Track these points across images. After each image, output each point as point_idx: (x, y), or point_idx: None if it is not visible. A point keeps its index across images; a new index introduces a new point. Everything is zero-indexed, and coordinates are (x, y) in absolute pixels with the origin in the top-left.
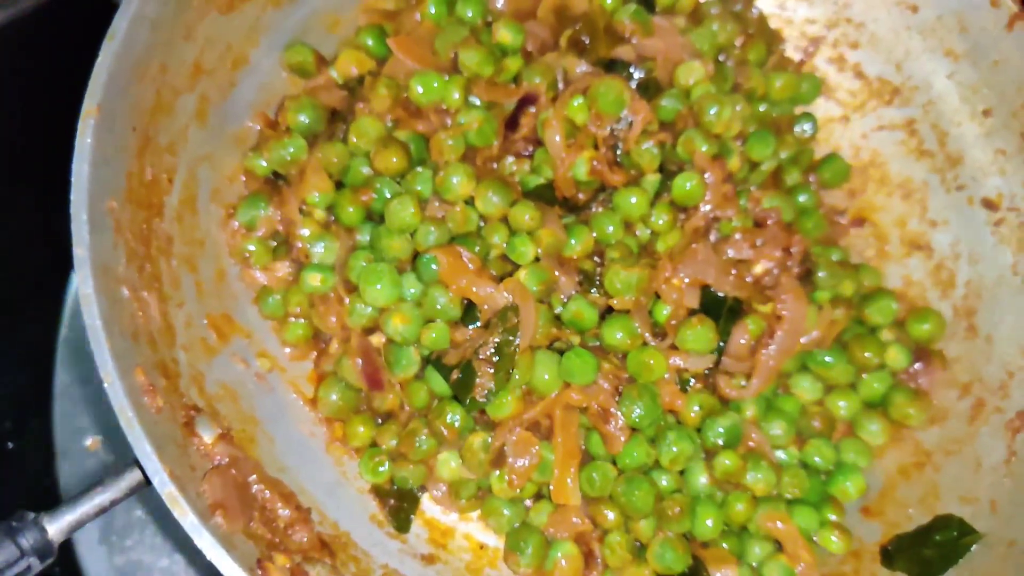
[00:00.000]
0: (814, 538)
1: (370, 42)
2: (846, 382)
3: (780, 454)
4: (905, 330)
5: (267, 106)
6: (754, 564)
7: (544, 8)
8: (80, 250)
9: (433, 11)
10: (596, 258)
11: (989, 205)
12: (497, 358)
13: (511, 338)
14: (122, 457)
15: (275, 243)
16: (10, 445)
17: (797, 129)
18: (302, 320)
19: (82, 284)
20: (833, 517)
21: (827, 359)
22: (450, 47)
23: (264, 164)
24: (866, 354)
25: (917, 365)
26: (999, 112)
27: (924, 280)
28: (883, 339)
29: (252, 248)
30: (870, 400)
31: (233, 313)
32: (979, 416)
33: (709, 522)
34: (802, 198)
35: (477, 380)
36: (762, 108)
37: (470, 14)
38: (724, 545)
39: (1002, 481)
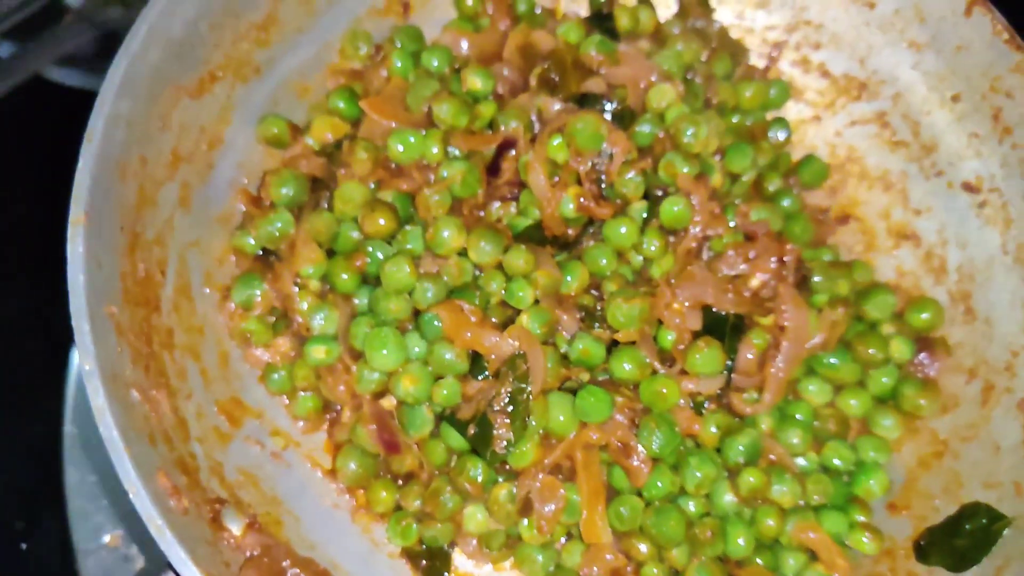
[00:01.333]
0: (845, 542)
1: (341, 105)
2: (854, 381)
3: (800, 461)
4: (904, 321)
5: (248, 183)
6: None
7: (510, 49)
8: (88, 363)
9: (399, 65)
10: (594, 291)
11: (970, 188)
12: (512, 407)
13: (523, 386)
14: (145, 550)
15: (273, 318)
16: (24, 546)
17: (771, 135)
18: (310, 393)
19: (93, 396)
20: (861, 518)
21: (832, 361)
22: (422, 101)
23: (252, 242)
24: (870, 350)
25: (921, 355)
26: (968, 96)
27: (916, 269)
28: (884, 333)
29: (251, 328)
30: (880, 395)
31: (241, 395)
32: (990, 399)
33: (741, 541)
34: (786, 203)
35: (495, 432)
36: (735, 120)
37: (436, 64)
38: (759, 561)
39: (1022, 462)
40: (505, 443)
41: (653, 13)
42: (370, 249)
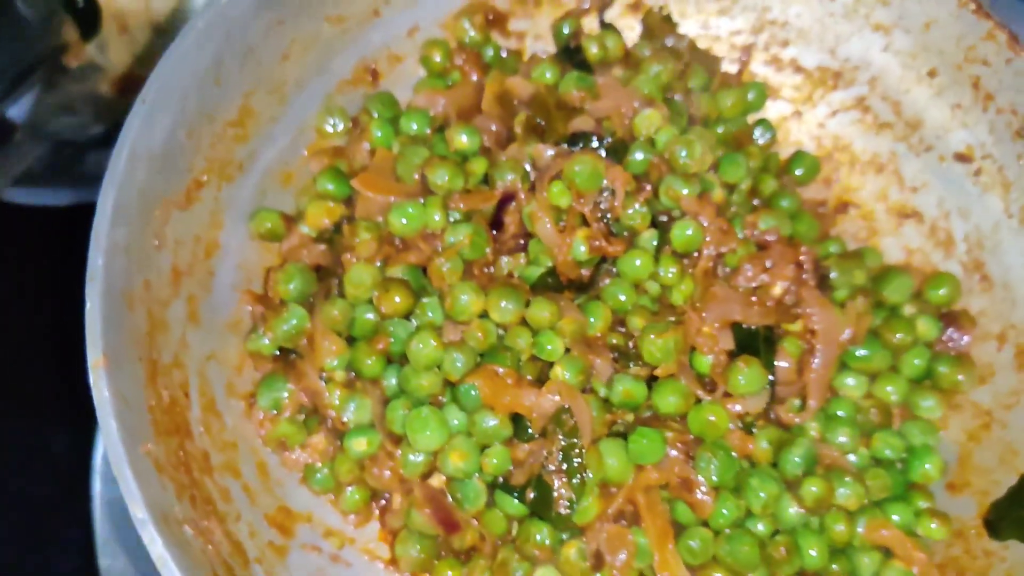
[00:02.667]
0: (916, 532)
1: (331, 187)
2: (887, 368)
3: (851, 458)
4: (924, 300)
5: (250, 283)
6: None
7: (488, 100)
8: (139, 511)
9: (379, 135)
10: (619, 327)
11: (962, 158)
12: (566, 464)
13: (574, 440)
14: None
15: (303, 416)
16: None
17: (756, 138)
18: (356, 486)
19: (151, 544)
20: (924, 504)
21: (863, 352)
22: (414, 169)
23: (268, 343)
24: (897, 335)
25: (948, 330)
26: (944, 70)
27: (923, 246)
28: (907, 315)
29: (284, 431)
30: (915, 377)
31: (287, 502)
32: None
33: (813, 552)
34: (785, 203)
35: (554, 493)
36: (720, 130)
37: (415, 127)
38: (835, 567)
39: None
40: (567, 502)
41: (620, 38)
42: (391, 329)
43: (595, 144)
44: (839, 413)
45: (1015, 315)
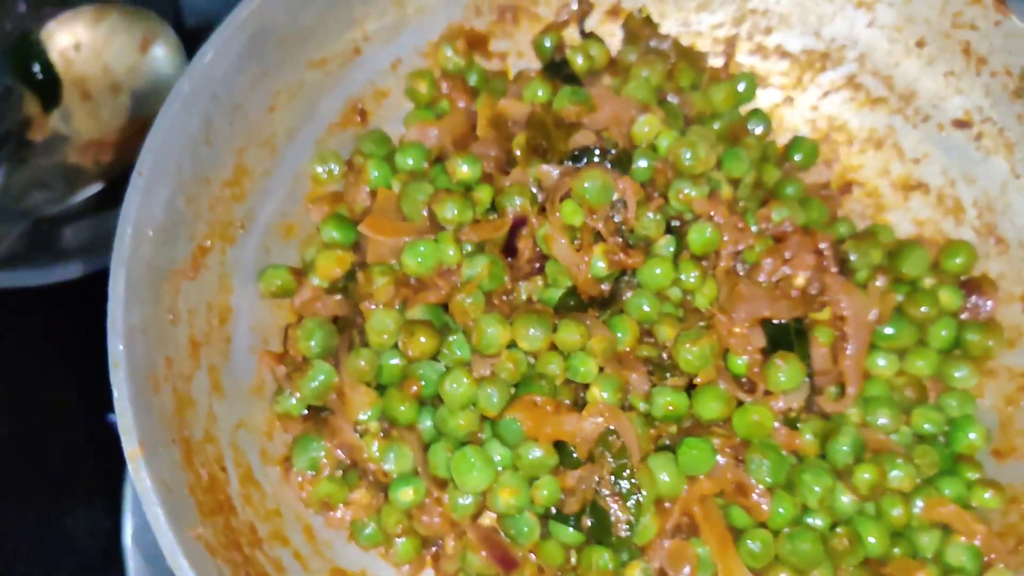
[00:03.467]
0: (971, 504)
1: (336, 234)
2: (915, 343)
3: (893, 438)
4: (942, 270)
5: (267, 343)
6: (930, 555)
7: (482, 126)
8: None
9: (376, 175)
10: (647, 338)
11: (961, 124)
12: (620, 486)
13: (624, 460)
14: None
15: (341, 470)
16: None
17: (751, 129)
18: (406, 536)
19: None
20: (974, 475)
21: (889, 331)
22: (419, 206)
23: (296, 403)
24: (922, 309)
25: (971, 298)
26: (932, 39)
27: (932, 216)
28: (928, 288)
29: (325, 491)
30: (945, 349)
31: (338, 562)
32: None
33: (872, 539)
34: (790, 191)
35: (611, 516)
36: (716, 126)
37: (411, 162)
38: (896, 550)
39: None
40: (626, 524)
41: (604, 46)
42: (420, 372)
43: (599, 158)
44: (875, 394)
45: None
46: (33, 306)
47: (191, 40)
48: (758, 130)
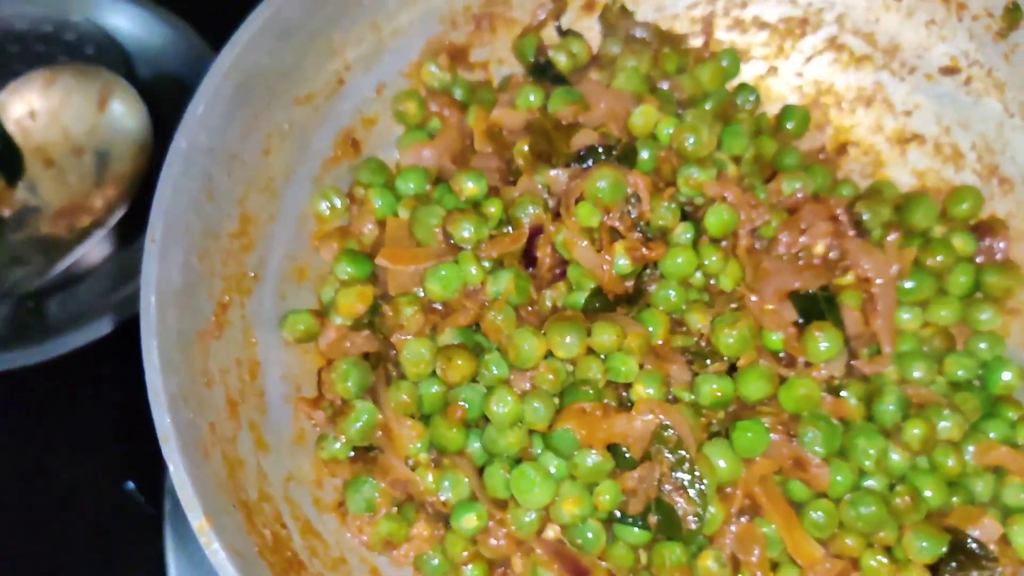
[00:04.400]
0: (1018, 443)
1: (350, 270)
2: (935, 293)
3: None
4: (950, 218)
5: (300, 390)
6: (987, 500)
7: (479, 139)
8: None
9: (380, 204)
10: (680, 327)
11: (949, 71)
12: (682, 479)
13: (682, 453)
14: None
15: (396, 507)
16: None
17: (740, 104)
18: (473, 563)
19: None
20: (1015, 414)
21: (909, 285)
22: (431, 230)
23: (340, 447)
24: (938, 258)
25: (984, 241)
26: None
27: (933, 165)
28: (940, 237)
29: (385, 530)
30: (965, 294)
31: None
32: None
33: (929, 493)
34: (789, 160)
35: (678, 511)
36: (708, 107)
37: (412, 187)
38: (955, 499)
39: None
40: (693, 516)
41: (584, 41)
42: (462, 396)
43: (604, 155)
44: (906, 349)
45: None
46: (31, 383)
47: (145, 90)
48: (748, 104)
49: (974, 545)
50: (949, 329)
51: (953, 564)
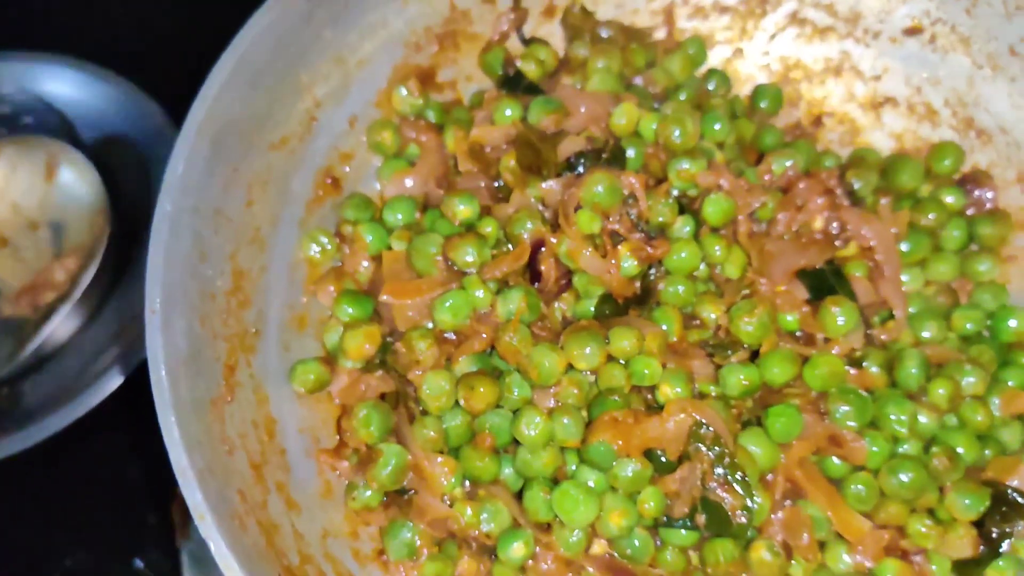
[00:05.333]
0: None
1: (351, 310)
2: (931, 251)
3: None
4: (935, 175)
5: (318, 442)
6: (1017, 448)
7: (462, 160)
8: None
9: (371, 239)
10: (694, 322)
11: (912, 32)
12: (725, 474)
13: (721, 448)
14: None
15: (437, 547)
16: None
17: (712, 90)
18: None
19: None
20: None
21: (905, 246)
22: (432, 259)
23: (372, 494)
24: (929, 216)
25: (973, 194)
26: None
27: (908, 126)
28: (928, 195)
29: (430, 572)
30: (961, 248)
31: None
32: None
33: (961, 449)
34: (770, 140)
35: (725, 507)
36: (683, 97)
37: (400, 217)
38: (987, 452)
39: None
40: (742, 510)
41: (550, 47)
42: (488, 425)
43: (594, 160)
44: (912, 310)
45: (1021, 155)
46: (20, 470)
47: (93, 153)
48: (720, 89)
49: (1015, 495)
50: (951, 285)
51: (998, 517)
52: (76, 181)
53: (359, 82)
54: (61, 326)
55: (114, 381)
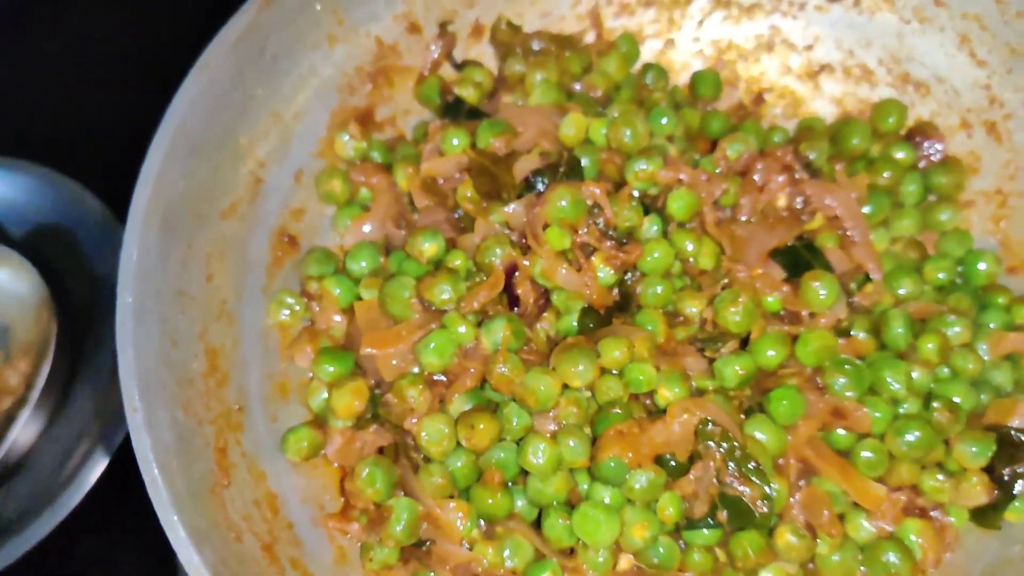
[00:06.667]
0: (1018, 323)
1: (332, 369)
2: (892, 209)
3: None
4: (882, 134)
5: (324, 508)
6: (1010, 389)
7: (417, 197)
8: None
9: (339, 292)
10: (678, 319)
11: None
12: (738, 467)
13: (731, 443)
14: None
15: None
16: None
17: (650, 84)
18: None
19: None
20: (1004, 299)
21: (867, 209)
22: (407, 303)
23: (388, 552)
24: (884, 175)
25: (922, 146)
26: None
27: (848, 90)
28: (880, 155)
29: None
30: (919, 201)
31: None
32: (993, 130)
33: (958, 399)
34: (716, 125)
35: (745, 500)
36: (625, 96)
37: (365, 264)
38: (983, 397)
39: None
40: (761, 500)
41: (482, 68)
42: (493, 459)
43: (552, 175)
44: (887, 270)
45: (965, 99)
46: None
47: (26, 247)
48: (658, 82)
49: (1019, 435)
50: (917, 239)
51: (1006, 459)
52: (12, 279)
53: (299, 135)
54: (23, 431)
55: (91, 477)
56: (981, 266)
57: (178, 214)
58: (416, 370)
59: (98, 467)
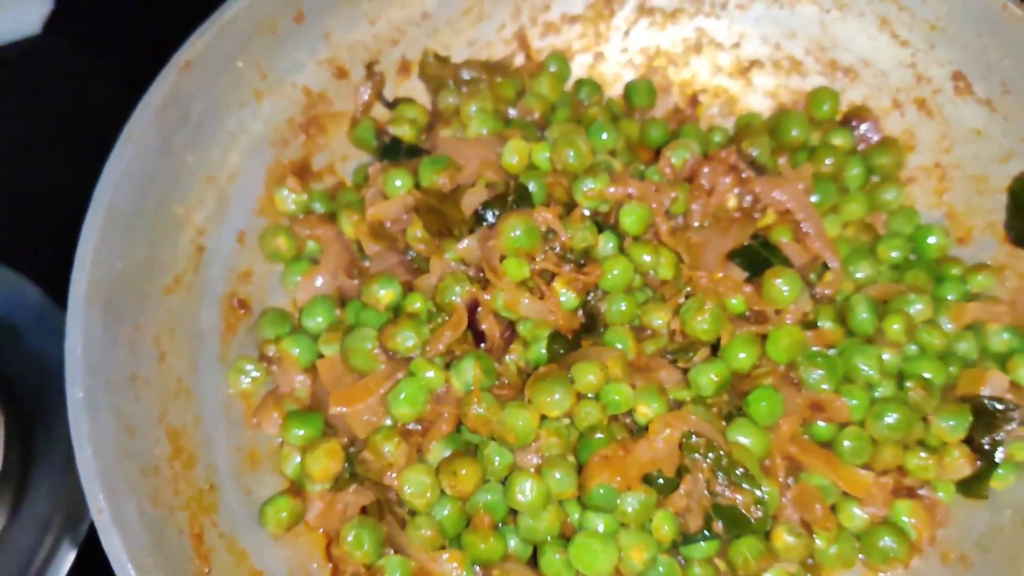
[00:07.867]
0: (975, 293)
1: (301, 432)
2: (838, 195)
3: None
4: (818, 122)
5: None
6: (976, 357)
7: (366, 243)
8: None
9: (298, 351)
10: (645, 332)
11: None
12: (727, 477)
13: (716, 452)
14: None
15: None
16: None
17: (585, 100)
18: None
19: None
20: (957, 270)
21: (815, 198)
22: (370, 355)
23: None
24: (826, 162)
25: (859, 129)
26: None
27: (778, 82)
28: (819, 143)
29: None
30: (863, 184)
31: None
32: (924, 107)
33: (928, 375)
34: (655, 133)
35: (740, 507)
36: (562, 116)
37: (321, 320)
38: (952, 369)
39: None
40: (755, 505)
41: (415, 104)
42: (480, 503)
43: (501, 206)
44: (842, 256)
45: (893, 79)
46: None
47: None
48: (592, 97)
49: (992, 402)
50: (866, 221)
51: (983, 428)
52: None
53: (236, 196)
54: None
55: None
56: (931, 240)
57: (120, 296)
58: (389, 422)
59: (66, 562)
